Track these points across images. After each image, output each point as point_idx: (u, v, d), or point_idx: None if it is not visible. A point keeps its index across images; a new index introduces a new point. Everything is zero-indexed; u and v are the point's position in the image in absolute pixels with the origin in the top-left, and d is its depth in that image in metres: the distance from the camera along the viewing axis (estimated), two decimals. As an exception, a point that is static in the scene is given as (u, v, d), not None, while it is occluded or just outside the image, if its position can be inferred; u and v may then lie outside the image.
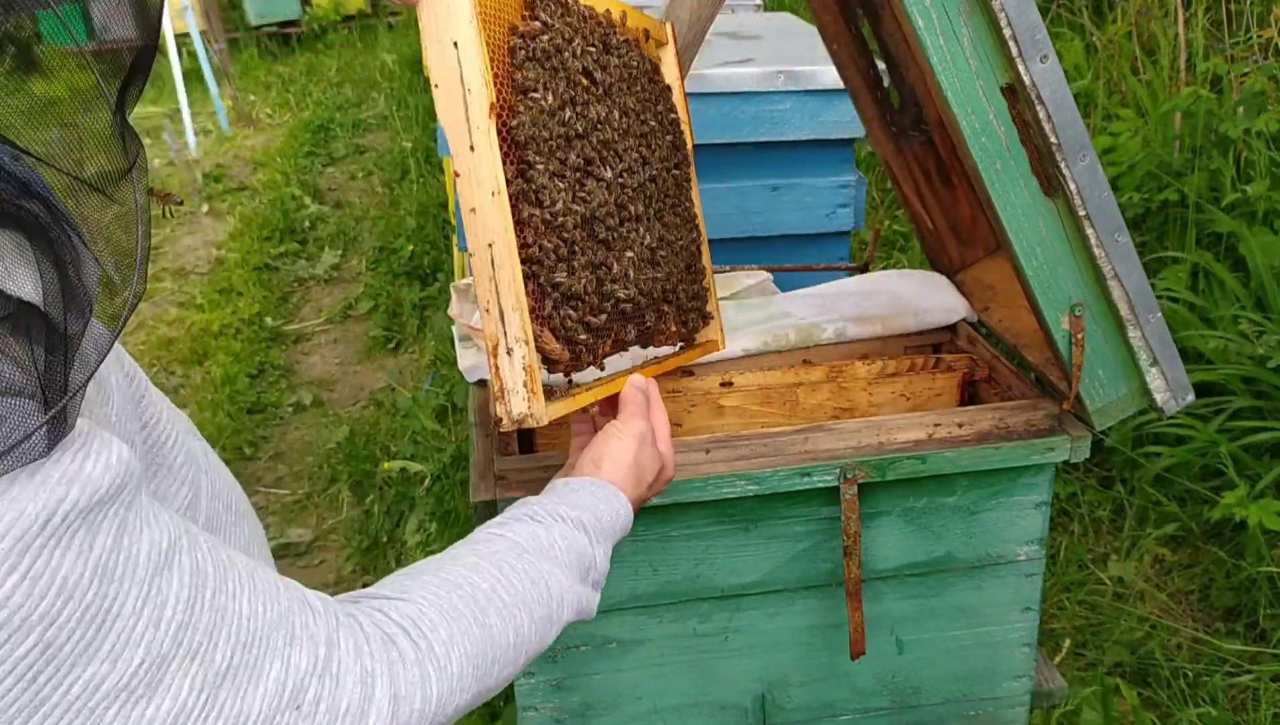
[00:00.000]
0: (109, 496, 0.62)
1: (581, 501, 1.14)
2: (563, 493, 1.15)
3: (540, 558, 1.03)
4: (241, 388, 4.24)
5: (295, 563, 3.33)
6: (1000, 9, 1.33)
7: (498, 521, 1.08)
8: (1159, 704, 2.40)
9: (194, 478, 0.86)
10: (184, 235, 5.90)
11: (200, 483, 0.87)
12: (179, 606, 0.65)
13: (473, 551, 1.00)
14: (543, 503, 1.12)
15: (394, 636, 0.83)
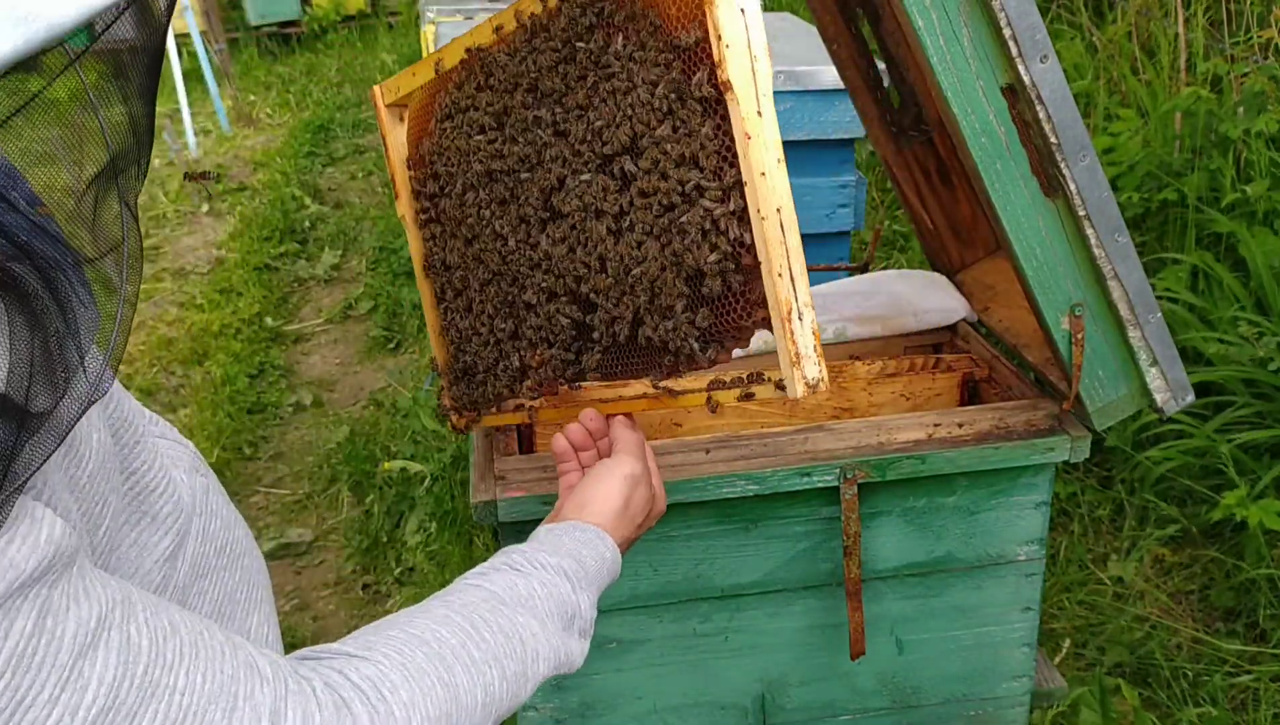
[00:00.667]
0: (32, 579, 0.59)
1: (565, 547, 1.09)
2: (545, 539, 1.11)
3: (517, 609, 0.98)
4: (241, 388, 4.24)
5: (295, 563, 3.34)
6: (1000, 9, 1.33)
7: (477, 571, 1.04)
8: (1159, 704, 2.40)
9: (180, 526, 0.83)
10: (184, 235, 5.90)
11: (189, 528, 0.84)
12: (102, 689, 0.62)
13: (445, 604, 0.95)
14: (524, 550, 1.08)
15: (349, 701, 0.79)
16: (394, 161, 1.57)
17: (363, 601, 3.14)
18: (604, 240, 1.30)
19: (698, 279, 1.24)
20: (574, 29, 1.27)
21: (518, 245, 1.40)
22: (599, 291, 1.32)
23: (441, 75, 1.47)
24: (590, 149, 1.29)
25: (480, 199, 1.43)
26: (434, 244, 1.54)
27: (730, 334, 1.26)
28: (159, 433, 0.91)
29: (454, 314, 1.53)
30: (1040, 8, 3.58)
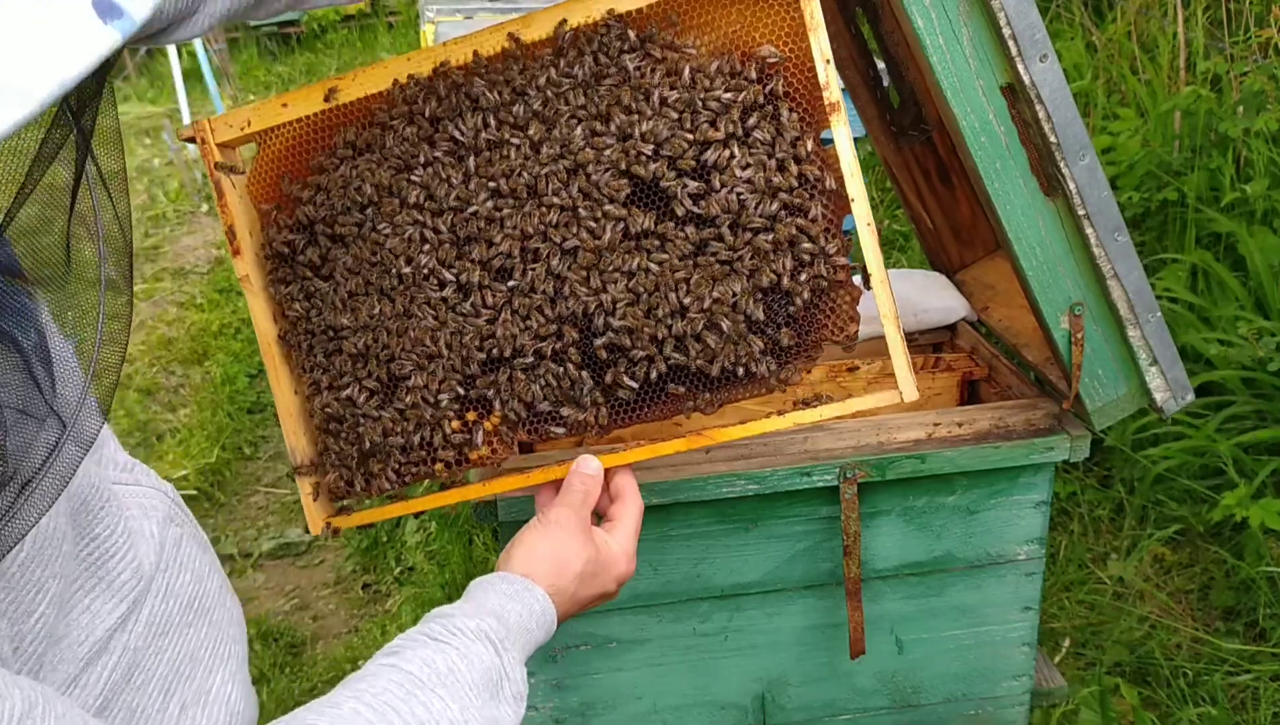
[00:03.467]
0: None
1: (489, 604, 1.02)
2: (474, 594, 1.05)
3: (435, 689, 0.90)
4: (241, 387, 4.24)
5: (295, 563, 3.33)
6: (1000, 9, 1.33)
7: (393, 646, 0.97)
8: (1159, 703, 2.40)
9: (139, 591, 0.80)
10: (184, 235, 5.90)
11: (150, 588, 0.81)
12: None
13: (355, 694, 0.87)
14: (446, 615, 1.00)
15: None
16: (233, 211, 1.33)
17: (362, 601, 3.14)
18: (644, 270, 1.22)
19: (780, 298, 1.21)
20: (606, 48, 1.23)
21: (490, 291, 1.25)
22: (631, 330, 1.22)
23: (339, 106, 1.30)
24: (631, 170, 1.22)
25: (433, 238, 1.26)
26: (303, 305, 1.32)
27: (807, 353, 1.23)
28: (133, 480, 0.87)
29: (337, 389, 1.31)
30: (1040, 8, 3.58)
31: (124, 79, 8.87)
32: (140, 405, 4.23)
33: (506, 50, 1.26)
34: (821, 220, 1.19)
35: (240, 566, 3.33)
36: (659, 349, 1.22)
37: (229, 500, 3.67)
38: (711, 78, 1.20)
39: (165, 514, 0.87)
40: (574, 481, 1.20)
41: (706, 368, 1.22)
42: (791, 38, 1.18)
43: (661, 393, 1.26)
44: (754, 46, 1.21)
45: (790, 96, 1.20)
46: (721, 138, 1.19)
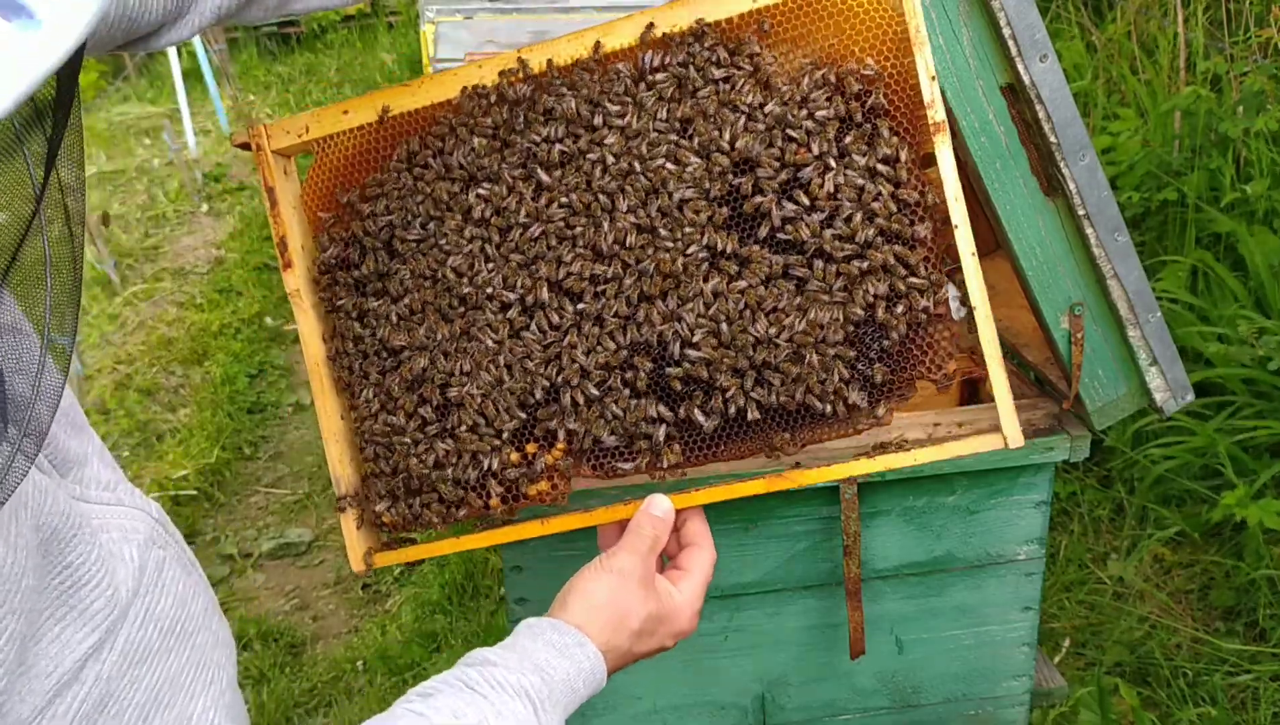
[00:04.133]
0: None
1: (536, 656, 0.95)
2: (520, 639, 0.97)
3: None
4: (241, 388, 4.24)
5: (295, 563, 3.33)
6: (1000, 9, 1.34)
7: (426, 688, 0.91)
8: (1159, 703, 2.40)
9: (114, 619, 0.77)
10: (184, 235, 5.90)
11: (127, 614, 0.79)
12: None
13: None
14: (486, 664, 0.93)
15: None
16: (286, 222, 1.26)
17: (362, 601, 3.14)
18: (726, 296, 1.13)
19: (873, 331, 1.12)
20: (693, 59, 1.15)
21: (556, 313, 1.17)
22: (709, 362, 1.13)
23: (403, 115, 1.24)
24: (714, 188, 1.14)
25: (497, 256, 1.19)
26: (356, 324, 1.24)
27: (900, 391, 1.14)
28: (115, 499, 0.84)
29: (388, 414, 1.23)
30: (1040, 8, 3.59)
31: (124, 79, 8.87)
32: (140, 405, 4.23)
33: (582, 60, 1.18)
34: (921, 248, 1.11)
35: (240, 566, 3.33)
36: (740, 382, 1.13)
37: (229, 500, 3.67)
38: (806, 92, 1.12)
39: (147, 536, 0.84)
40: (642, 523, 1.09)
41: (790, 403, 1.13)
42: (894, 52, 1.11)
43: (740, 429, 1.17)
44: (852, 60, 1.13)
45: (890, 114, 1.13)
46: (815, 157, 1.11)
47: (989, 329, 1.11)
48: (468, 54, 2.77)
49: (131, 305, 5.10)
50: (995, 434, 1.14)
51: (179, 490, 3.62)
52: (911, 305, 1.11)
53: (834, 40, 1.13)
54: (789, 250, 1.13)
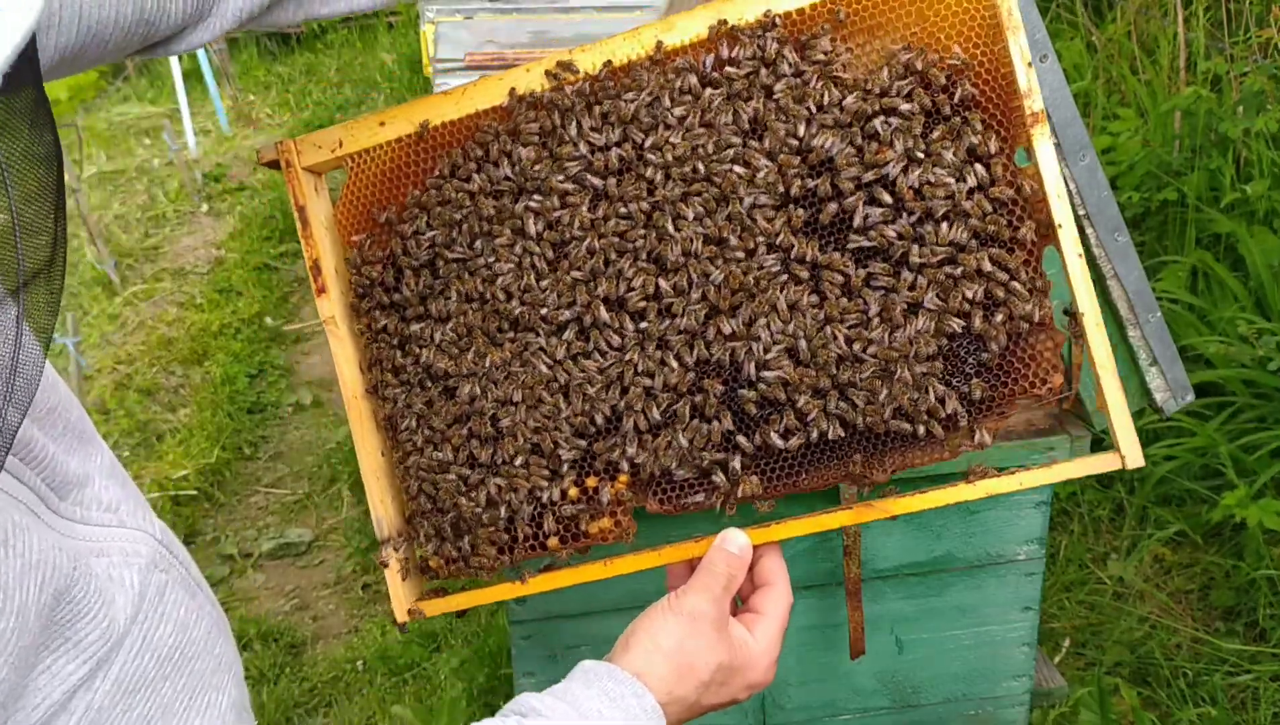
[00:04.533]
0: None
1: (586, 704, 0.88)
2: (573, 684, 0.91)
3: None
4: (241, 388, 4.24)
5: (295, 563, 3.33)
6: (1000, 9, 1.33)
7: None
8: (1159, 703, 2.40)
9: (108, 649, 0.76)
10: (184, 235, 5.90)
11: (123, 643, 0.77)
12: None
13: None
14: (532, 714, 0.88)
15: None
16: (319, 244, 1.16)
17: (362, 601, 3.14)
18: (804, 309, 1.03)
19: (970, 343, 1.02)
20: (763, 52, 1.07)
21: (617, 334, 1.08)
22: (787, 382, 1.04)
23: (444, 126, 1.15)
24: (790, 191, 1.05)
25: (550, 274, 1.10)
26: (397, 352, 1.16)
27: (1000, 408, 1.04)
28: (117, 521, 0.83)
29: (434, 448, 1.14)
30: (1040, 8, 3.59)
31: (124, 79, 8.87)
32: (140, 405, 4.23)
33: (640, 59, 1.10)
34: (1020, 251, 1.02)
35: (240, 566, 3.33)
36: (822, 403, 1.03)
37: (229, 500, 3.67)
38: (887, 85, 1.03)
39: (149, 559, 0.82)
40: (716, 561, 1.00)
41: (879, 425, 1.03)
42: (984, 39, 1.02)
43: (823, 454, 1.06)
44: (938, 49, 1.04)
45: (982, 106, 1.03)
46: (898, 154, 1.02)
47: (1100, 337, 1.01)
48: (468, 54, 2.78)
49: (131, 305, 5.10)
50: (1110, 454, 1.02)
51: (179, 490, 3.62)
52: (1012, 313, 1.01)
53: (916, 28, 1.04)
54: (872, 257, 1.03)
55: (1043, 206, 1.01)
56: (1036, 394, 1.04)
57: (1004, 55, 1.01)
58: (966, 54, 1.03)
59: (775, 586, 1.02)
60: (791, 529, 1.05)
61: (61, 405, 0.80)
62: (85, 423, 0.84)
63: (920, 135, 1.02)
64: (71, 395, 0.84)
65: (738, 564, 1.00)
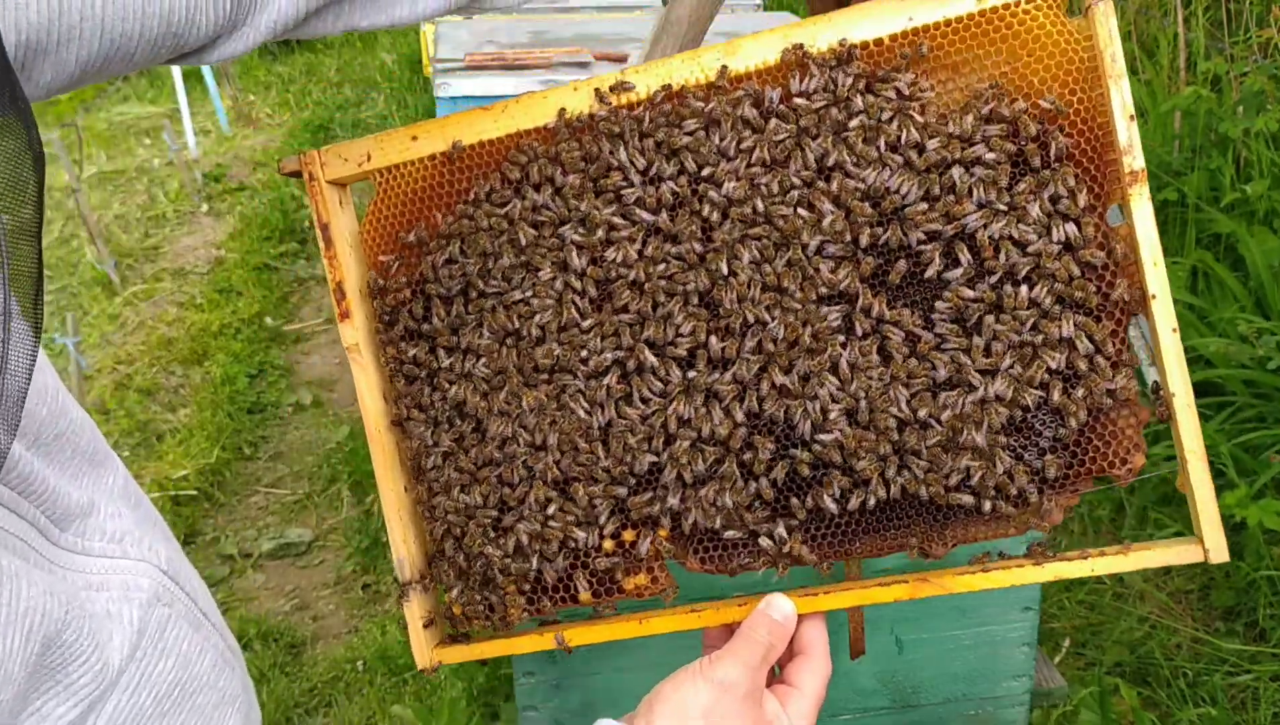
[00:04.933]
0: None
1: None
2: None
3: None
4: (241, 388, 4.24)
5: (295, 563, 3.34)
6: (1000, 9, 1.33)
7: None
8: (1159, 703, 2.40)
9: (101, 690, 0.73)
10: (184, 235, 5.91)
11: (119, 682, 0.75)
12: None
13: None
14: None
15: None
16: (343, 266, 1.09)
17: (362, 601, 3.14)
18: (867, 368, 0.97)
19: (1046, 416, 0.96)
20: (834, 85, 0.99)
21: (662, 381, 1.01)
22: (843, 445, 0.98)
23: (482, 145, 1.07)
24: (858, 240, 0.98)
25: (593, 315, 1.03)
26: (423, 388, 1.09)
27: (1073, 486, 0.97)
28: (121, 552, 0.80)
29: (463, 491, 1.08)
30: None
31: (124, 79, 8.87)
32: (140, 405, 4.23)
33: (699, 85, 1.02)
34: (1108, 320, 0.95)
35: (240, 566, 3.33)
36: (881, 468, 0.97)
37: (229, 500, 3.67)
38: (970, 130, 0.96)
39: (151, 593, 0.79)
40: (757, 627, 0.94)
41: (941, 498, 0.97)
42: (1080, 84, 0.95)
43: (880, 523, 1.01)
44: (1028, 93, 0.96)
45: (1075, 159, 0.96)
46: (979, 207, 0.96)
47: (1191, 421, 0.94)
48: (467, 54, 2.78)
49: (131, 305, 5.10)
50: (1193, 544, 0.96)
51: (179, 490, 3.62)
52: (1094, 388, 0.94)
53: (1005, 67, 0.97)
54: (944, 316, 0.97)
55: (1135, 273, 0.94)
56: (1115, 474, 0.97)
57: (1101, 104, 0.94)
58: (1062, 99, 0.95)
59: (813, 658, 0.96)
60: (841, 600, 1.00)
61: (71, 430, 0.78)
62: (98, 444, 0.82)
63: (1007, 187, 0.95)
64: (85, 418, 0.81)
65: (780, 633, 0.95)
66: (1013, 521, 0.98)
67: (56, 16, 0.75)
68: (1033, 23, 0.95)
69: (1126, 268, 0.94)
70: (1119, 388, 0.94)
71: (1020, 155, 0.95)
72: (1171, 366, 0.93)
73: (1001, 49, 0.96)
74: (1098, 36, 0.93)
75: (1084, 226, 0.94)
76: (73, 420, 0.78)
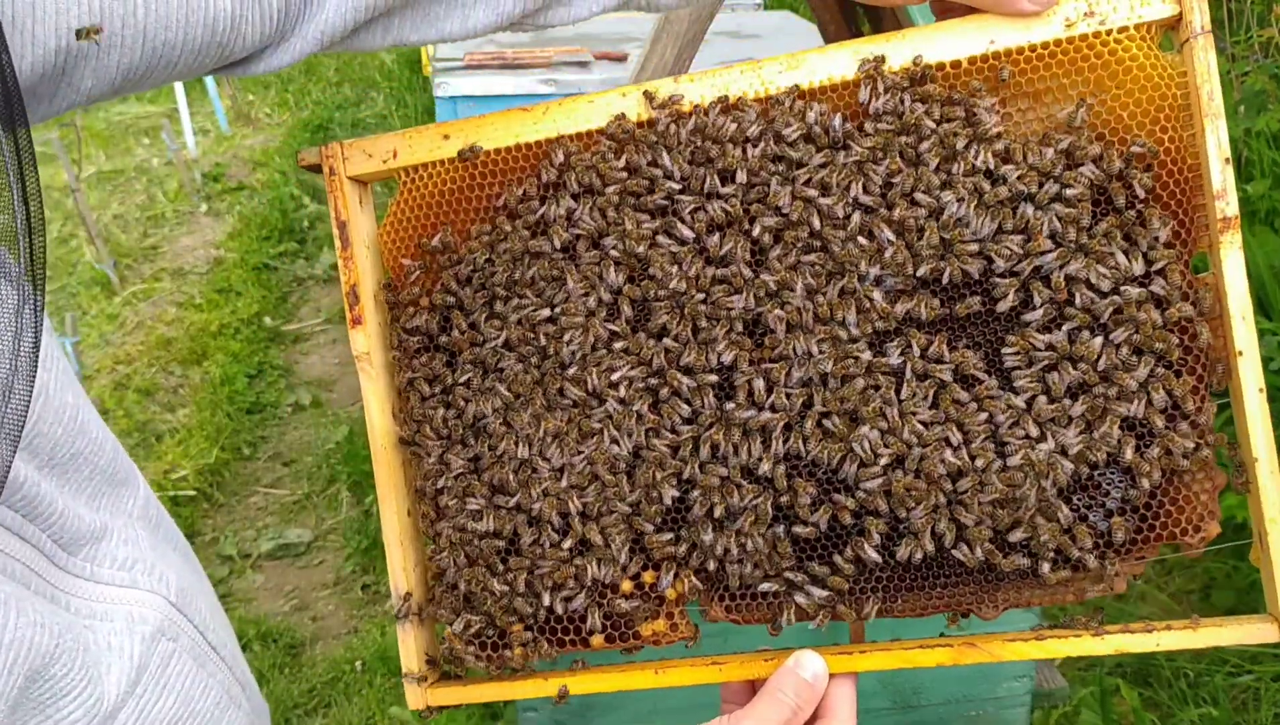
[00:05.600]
0: None
1: None
2: None
3: None
4: (240, 388, 4.23)
5: (295, 563, 3.33)
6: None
7: None
8: (1160, 704, 2.40)
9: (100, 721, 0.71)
10: (183, 235, 5.90)
11: (115, 719, 0.73)
12: None
13: None
14: None
15: None
16: (359, 268, 1.03)
17: (362, 602, 3.14)
18: (917, 413, 0.90)
19: (1116, 476, 0.90)
20: (900, 109, 0.93)
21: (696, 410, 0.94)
22: (891, 493, 0.90)
23: (515, 149, 1.01)
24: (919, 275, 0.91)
25: (631, 338, 0.96)
26: (437, 409, 1.02)
27: (1140, 552, 0.91)
28: (130, 581, 0.77)
29: (471, 519, 1.00)
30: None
31: (123, 79, 8.87)
32: (139, 405, 4.23)
33: (759, 99, 0.96)
34: (1189, 376, 0.88)
35: (239, 567, 3.32)
36: (932, 522, 0.90)
37: (228, 500, 3.66)
38: (1050, 166, 0.89)
39: (157, 626, 0.77)
40: (785, 688, 0.89)
41: (994, 557, 0.89)
42: (1172, 122, 0.88)
43: (927, 580, 0.95)
44: (1114, 128, 0.90)
45: (1162, 201, 0.89)
46: (1056, 246, 0.89)
47: (1274, 488, 0.88)
48: (467, 54, 2.78)
49: (131, 305, 5.09)
50: (1268, 623, 0.88)
51: (178, 490, 3.62)
52: (1170, 448, 0.87)
53: (1091, 99, 0.90)
54: (1013, 362, 0.90)
55: (1221, 327, 0.87)
56: (1186, 542, 0.90)
57: (1191, 144, 0.88)
58: (1151, 137, 0.89)
59: (835, 719, 0.90)
60: (878, 662, 0.93)
61: (90, 449, 0.76)
62: (119, 463, 0.80)
63: (1087, 228, 0.89)
64: (107, 436, 0.78)
65: (808, 694, 0.89)
66: (1071, 587, 0.91)
67: (97, 23, 0.74)
68: (1124, 53, 0.89)
69: (1212, 321, 0.87)
70: (1199, 450, 0.88)
71: (1105, 195, 0.89)
72: (1256, 431, 0.87)
73: (1090, 79, 0.90)
74: (1194, 72, 0.86)
75: (1170, 274, 0.87)
76: (92, 439, 0.76)
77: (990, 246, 0.89)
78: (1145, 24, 0.88)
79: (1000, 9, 0.89)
